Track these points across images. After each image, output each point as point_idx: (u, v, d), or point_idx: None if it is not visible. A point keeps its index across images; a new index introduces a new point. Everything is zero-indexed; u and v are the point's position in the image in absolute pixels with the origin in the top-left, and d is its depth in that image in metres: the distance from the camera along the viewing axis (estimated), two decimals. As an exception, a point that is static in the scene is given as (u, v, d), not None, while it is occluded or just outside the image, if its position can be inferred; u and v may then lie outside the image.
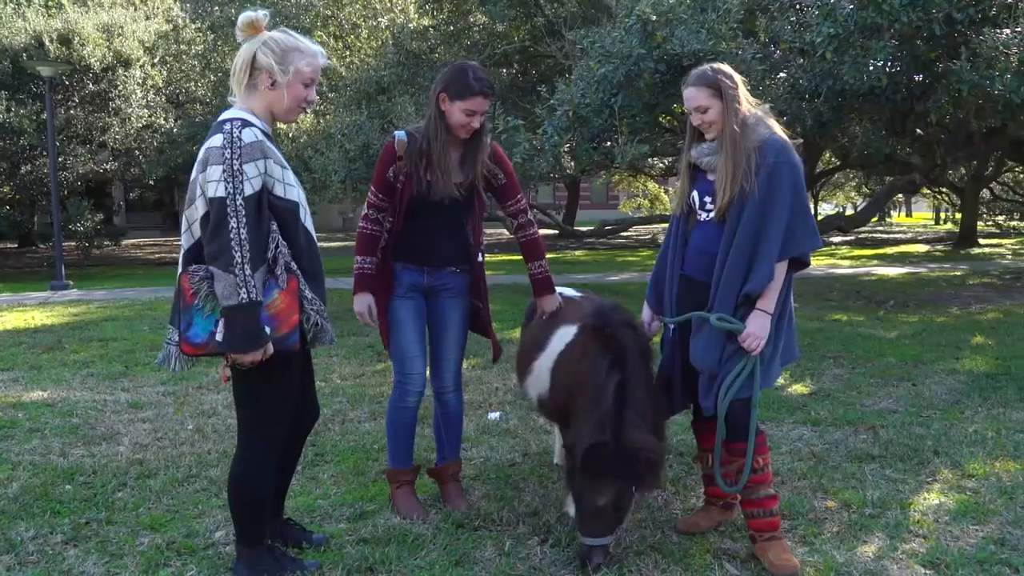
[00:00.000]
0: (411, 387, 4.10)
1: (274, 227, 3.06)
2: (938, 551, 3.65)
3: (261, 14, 3.09)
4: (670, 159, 21.59)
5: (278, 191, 3.06)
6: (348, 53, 20.23)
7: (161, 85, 22.07)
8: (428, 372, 4.30)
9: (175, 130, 21.64)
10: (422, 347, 4.14)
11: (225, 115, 3.10)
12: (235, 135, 2.97)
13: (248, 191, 2.95)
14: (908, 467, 4.75)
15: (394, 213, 3.96)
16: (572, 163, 10.77)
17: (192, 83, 23.16)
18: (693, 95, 3.55)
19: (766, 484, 3.57)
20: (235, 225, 2.91)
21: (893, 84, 9.31)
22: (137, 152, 21.65)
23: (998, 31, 8.29)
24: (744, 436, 3.50)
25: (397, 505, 4.14)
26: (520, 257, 4.36)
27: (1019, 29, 8.07)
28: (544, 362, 3.96)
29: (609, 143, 9.62)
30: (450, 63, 4.33)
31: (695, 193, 3.66)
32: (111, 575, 3.49)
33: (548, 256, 4.28)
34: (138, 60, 20.34)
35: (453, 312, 4.17)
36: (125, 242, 26.08)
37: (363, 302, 3.99)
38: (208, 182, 2.96)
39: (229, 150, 2.95)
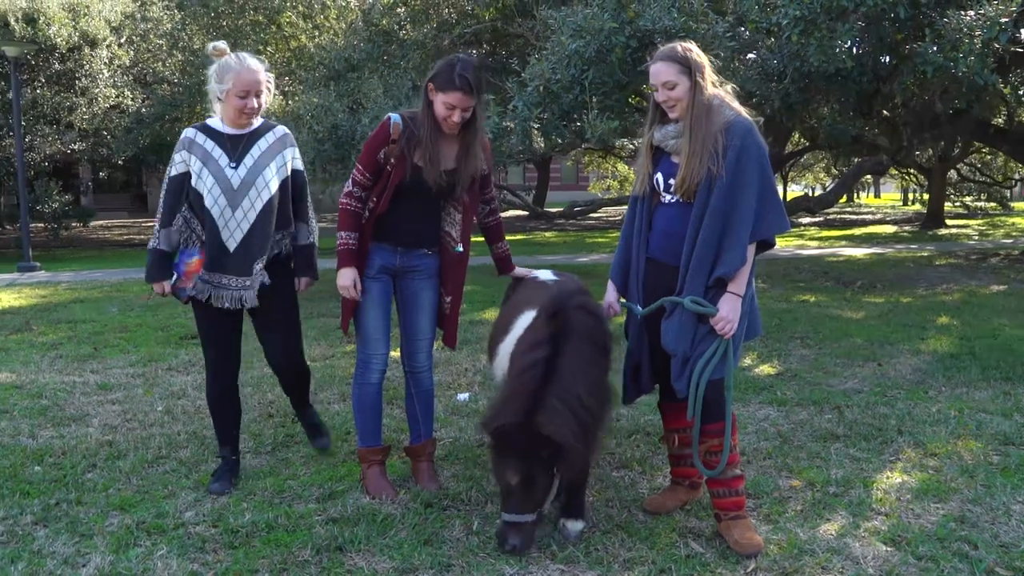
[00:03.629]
0: (374, 366, 4.16)
1: (184, 208, 4.07)
2: (899, 528, 3.72)
3: (222, 44, 4.11)
4: (639, 140, 21.60)
5: (192, 180, 4.04)
6: (317, 32, 20.03)
7: (128, 64, 21.74)
8: (398, 352, 4.33)
9: (143, 110, 21.33)
10: (387, 329, 4.16)
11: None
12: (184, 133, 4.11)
13: (173, 172, 4.06)
14: (872, 446, 4.83)
15: (379, 195, 3.96)
16: (542, 141, 10.74)
17: (159, 63, 22.80)
18: (662, 70, 3.53)
19: (734, 464, 3.62)
20: (162, 195, 4.11)
21: (859, 66, 9.37)
22: (105, 132, 21.33)
23: (962, 13, 8.36)
24: (717, 417, 3.55)
25: (367, 485, 4.16)
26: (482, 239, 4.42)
27: (982, 11, 8.14)
28: (507, 346, 3.94)
29: (579, 122, 9.61)
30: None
31: (659, 175, 3.67)
32: (81, 555, 3.49)
33: (519, 237, 4.42)
34: (104, 39, 20.00)
35: (426, 292, 4.19)
36: (93, 223, 25.75)
37: (349, 276, 3.97)
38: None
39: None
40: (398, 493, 4.12)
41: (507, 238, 4.42)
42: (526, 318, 3.89)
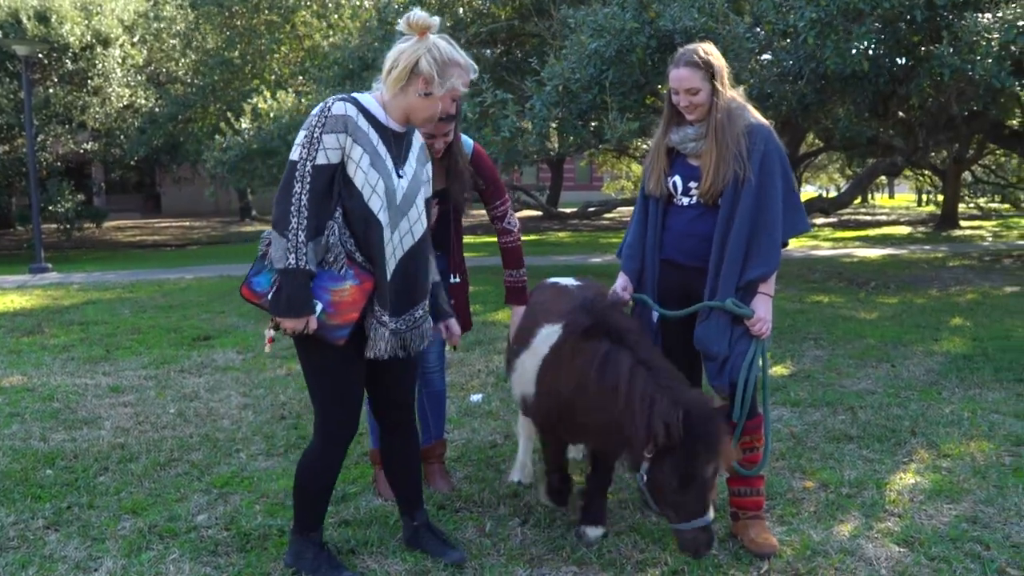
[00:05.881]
0: None
1: (338, 214, 3.02)
2: (912, 529, 3.71)
3: (436, 20, 3.05)
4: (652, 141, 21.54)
5: (355, 177, 3.00)
6: (332, 32, 20.10)
7: (141, 64, 21.88)
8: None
9: (156, 110, 21.46)
10: None
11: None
12: (327, 105, 2.99)
13: (321, 160, 2.94)
14: (885, 447, 4.81)
15: None
16: (558, 142, 10.74)
17: (173, 62, 22.96)
18: (686, 75, 3.50)
19: (758, 464, 3.63)
20: (299, 190, 2.92)
21: (876, 67, 9.34)
22: (118, 132, 21.45)
23: (980, 15, 8.32)
24: (753, 413, 3.59)
25: (378, 486, 4.16)
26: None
27: (999, 14, 8.10)
28: (528, 362, 3.66)
29: (596, 122, 9.59)
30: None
31: (677, 178, 3.65)
32: (93, 559, 3.50)
33: (532, 237, 4.24)
34: (117, 39, 20.14)
35: None
36: (106, 224, 25.88)
37: None
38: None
39: (316, 118, 2.97)
40: None
41: (520, 238, 4.25)
42: (548, 332, 3.61)
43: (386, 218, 3.03)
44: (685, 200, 3.64)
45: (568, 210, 26.78)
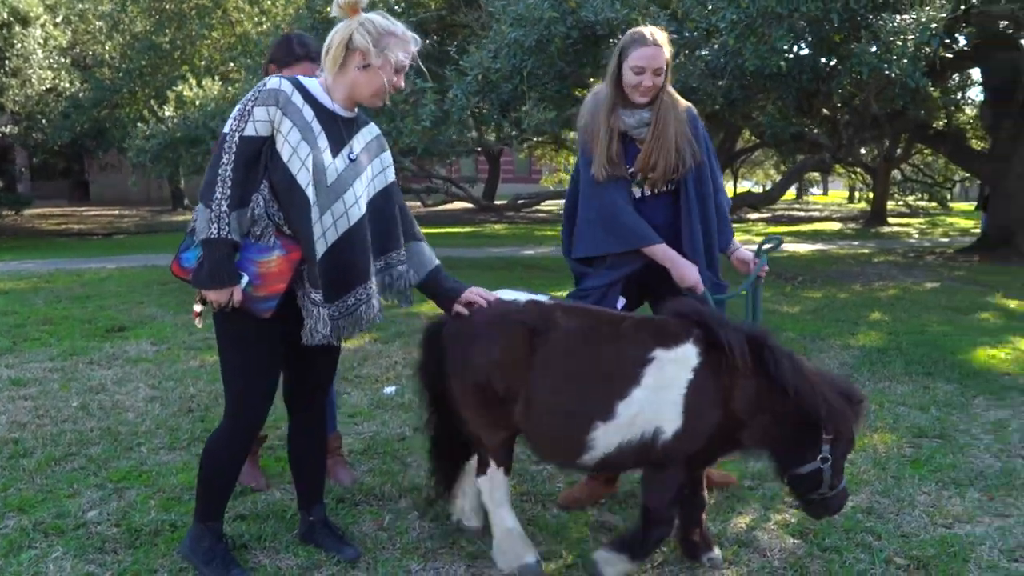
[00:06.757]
0: None
1: (264, 187, 2.98)
2: (808, 521, 3.72)
3: None
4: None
5: (282, 153, 2.96)
6: (264, 19, 19.77)
7: (65, 46, 21.23)
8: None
9: (81, 94, 20.86)
10: None
11: None
12: (264, 81, 3.01)
13: (249, 132, 2.92)
14: (791, 440, 4.86)
15: None
16: (480, 132, 10.69)
17: (99, 45, 22.34)
18: (659, 54, 3.47)
19: None
20: (225, 161, 2.91)
21: (799, 65, 9.49)
22: (40, 116, 20.78)
23: (896, 16, 8.50)
24: None
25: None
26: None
27: (915, 15, 8.28)
28: (647, 397, 3.01)
29: (516, 112, 9.55)
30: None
31: (633, 170, 3.65)
32: (-32, 558, 3.36)
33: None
34: (37, 18, 19.47)
35: None
36: (29, 212, 25.08)
37: None
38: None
39: (252, 93, 2.98)
40: (268, 484, 4.07)
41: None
42: (675, 355, 3.07)
43: (313, 195, 2.98)
44: (637, 192, 3.68)
45: (499, 202, 26.81)
